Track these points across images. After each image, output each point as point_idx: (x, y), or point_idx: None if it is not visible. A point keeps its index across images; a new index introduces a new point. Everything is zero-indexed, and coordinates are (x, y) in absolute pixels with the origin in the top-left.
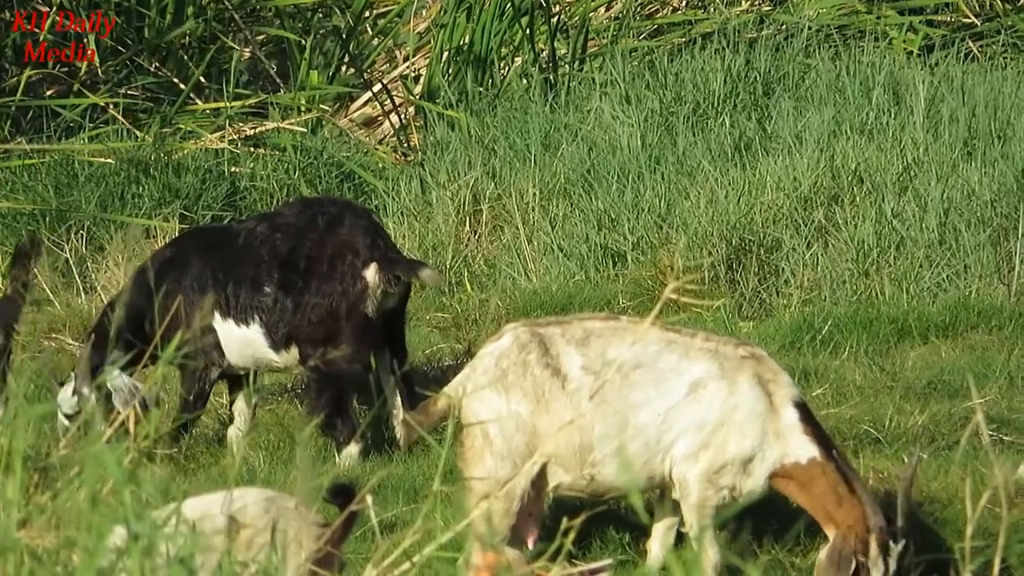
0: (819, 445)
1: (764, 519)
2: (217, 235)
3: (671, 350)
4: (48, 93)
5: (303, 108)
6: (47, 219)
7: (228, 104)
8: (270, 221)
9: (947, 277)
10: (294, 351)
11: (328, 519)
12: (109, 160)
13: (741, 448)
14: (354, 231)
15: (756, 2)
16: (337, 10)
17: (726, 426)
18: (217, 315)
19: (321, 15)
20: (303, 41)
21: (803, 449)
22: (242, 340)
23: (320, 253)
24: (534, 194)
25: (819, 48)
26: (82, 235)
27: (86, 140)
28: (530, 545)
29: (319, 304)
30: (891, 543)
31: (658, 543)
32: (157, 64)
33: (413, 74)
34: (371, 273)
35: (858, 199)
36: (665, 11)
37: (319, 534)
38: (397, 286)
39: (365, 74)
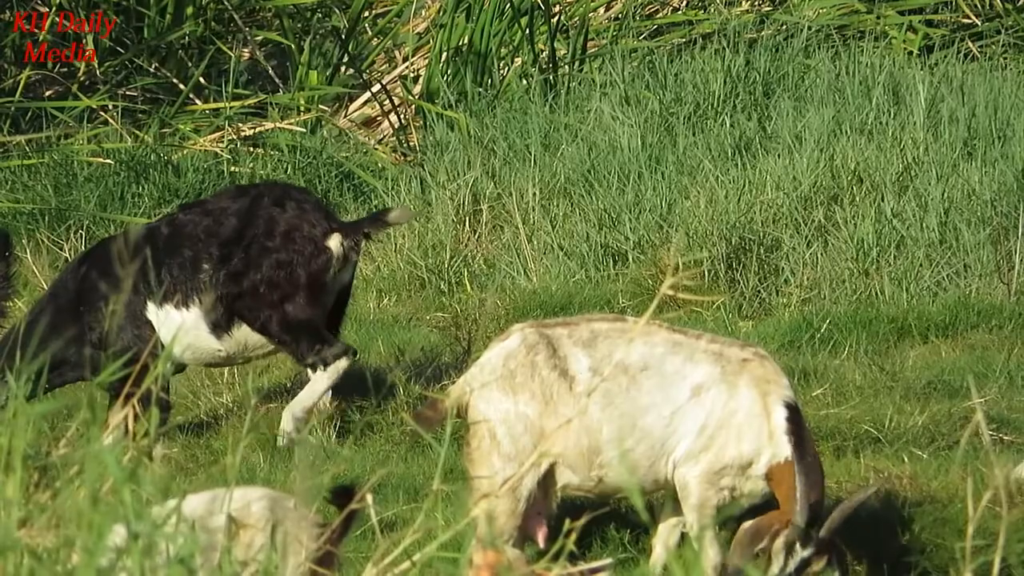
0: (794, 447)
1: None
2: (143, 233)
3: (676, 352)
4: (47, 94)
5: (302, 108)
6: (47, 219)
7: (227, 104)
8: (203, 207)
9: (947, 276)
10: (237, 335)
11: (327, 519)
12: (108, 160)
13: (740, 451)
14: (304, 206)
15: (756, 2)
16: (336, 10)
17: (725, 429)
18: (151, 307)
19: (320, 15)
20: (302, 43)
21: (784, 450)
22: (182, 328)
23: (273, 230)
24: (534, 194)
25: (819, 48)
26: (81, 234)
27: (85, 141)
28: (540, 541)
29: (273, 276)
30: (797, 545)
31: (662, 543)
32: (156, 64)
33: (412, 74)
34: (335, 242)
35: (858, 199)
36: (665, 11)
37: (318, 533)
38: (357, 250)
39: (364, 74)
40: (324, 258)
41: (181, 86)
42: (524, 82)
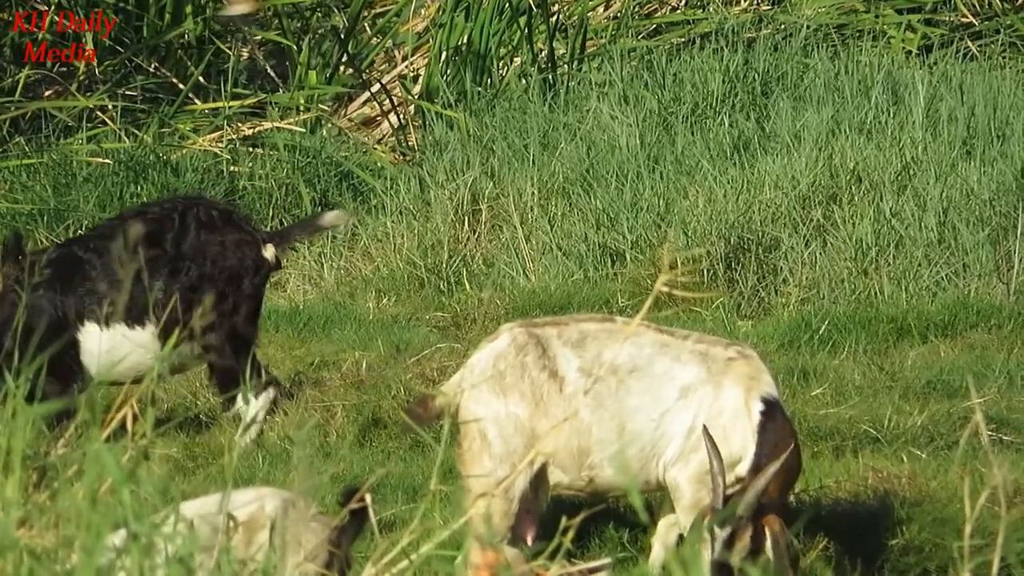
0: (757, 436)
1: None
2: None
3: (664, 353)
4: (47, 93)
5: (301, 108)
6: (45, 219)
7: (227, 104)
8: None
9: (946, 276)
10: (182, 349)
11: (334, 519)
12: (107, 160)
13: (728, 450)
14: (230, 219)
15: (755, 2)
16: (335, 10)
17: (713, 429)
18: (92, 326)
19: (320, 15)
20: (301, 42)
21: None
22: (134, 345)
23: (212, 245)
24: (532, 193)
25: (818, 47)
26: (80, 235)
27: (84, 141)
28: (529, 542)
29: (218, 287)
30: (716, 528)
31: (660, 542)
32: (156, 64)
33: (412, 74)
34: (270, 253)
35: (857, 198)
36: (663, 11)
37: (329, 535)
38: (283, 258)
39: (364, 74)
40: (265, 269)
41: (180, 86)
42: (523, 81)
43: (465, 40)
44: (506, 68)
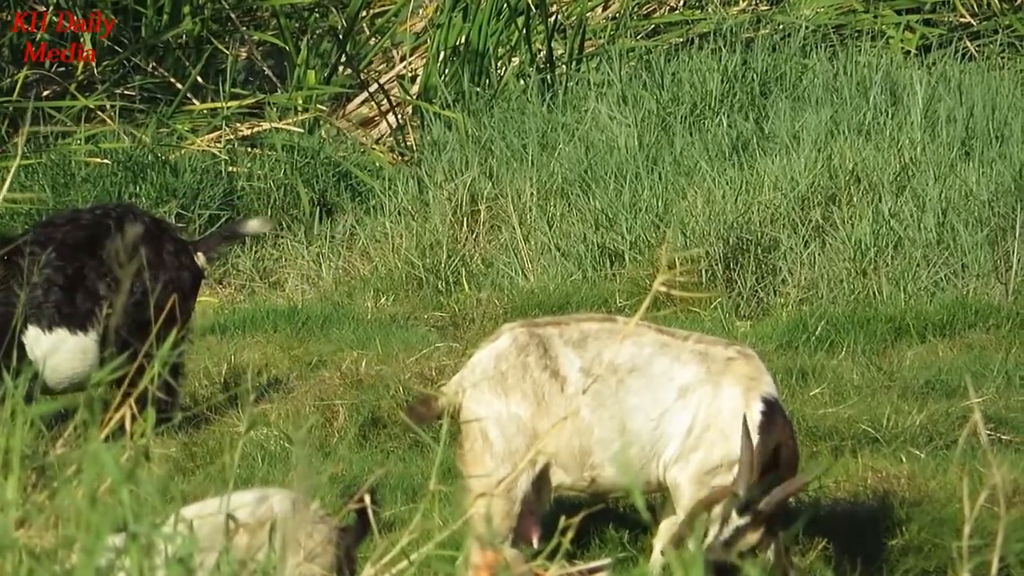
0: (760, 432)
1: None
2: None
3: (664, 353)
4: (45, 93)
5: (300, 108)
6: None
7: (225, 104)
8: (59, 235)
9: (945, 276)
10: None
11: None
12: (106, 161)
13: (727, 450)
14: (163, 229)
15: (753, 2)
16: (333, 10)
17: (712, 429)
18: (33, 329)
19: (318, 15)
20: (299, 42)
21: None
22: (75, 350)
23: (150, 256)
24: (531, 194)
25: (816, 48)
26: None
27: (82, 141)
28: (535, 543)
29: (159, 297)
30: (734, 512)
31: (661, 541)
32: (154, 64)
33: (410, 74)
34: (202, 260)
35: (855, 199)
36: (662, 11)
37: (336, 536)
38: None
39: (362, 74)
40: (199, 276)
41: (179, 86)
42: (521, 82)
43: (463, 40)
44: (504, 68)
